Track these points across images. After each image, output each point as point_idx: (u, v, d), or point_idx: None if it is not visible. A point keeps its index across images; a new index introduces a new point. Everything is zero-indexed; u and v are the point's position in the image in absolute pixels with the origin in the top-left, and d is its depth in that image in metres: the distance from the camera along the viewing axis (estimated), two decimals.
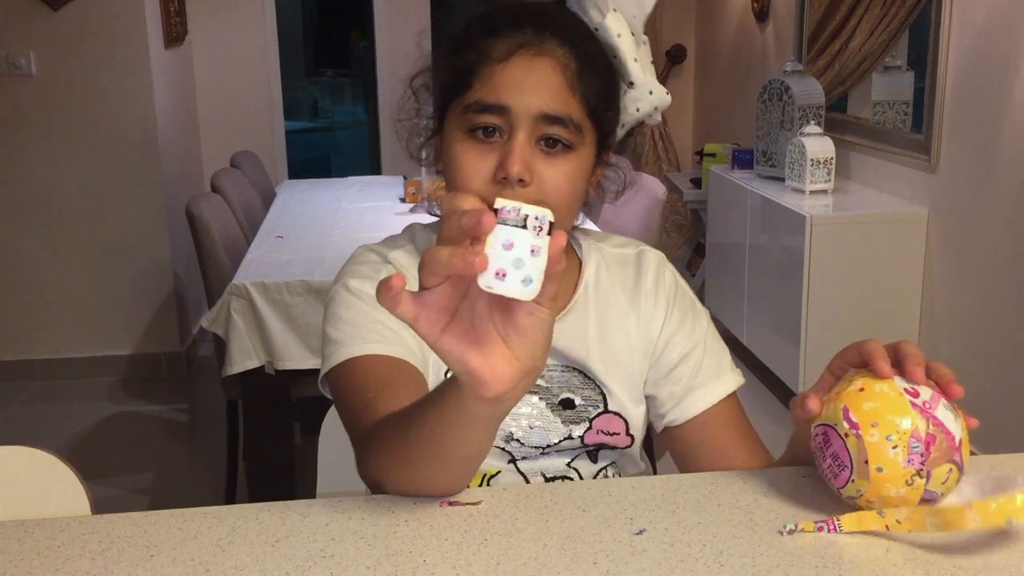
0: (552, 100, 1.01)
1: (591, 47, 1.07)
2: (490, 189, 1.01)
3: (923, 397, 0.84)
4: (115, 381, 4.21)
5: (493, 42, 1.03)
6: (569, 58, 1.03)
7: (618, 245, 1.22)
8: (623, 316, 1.17)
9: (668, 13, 5.56)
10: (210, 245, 2.94)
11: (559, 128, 1.02)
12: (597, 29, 1.09)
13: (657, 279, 1.18)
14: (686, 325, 1.17)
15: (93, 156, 4.08)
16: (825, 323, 3.46)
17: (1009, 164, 2.94)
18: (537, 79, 1.02)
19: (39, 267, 4.15)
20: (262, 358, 2.66)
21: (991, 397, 3.09)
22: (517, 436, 1.11)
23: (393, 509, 0.91)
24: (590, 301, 1.16)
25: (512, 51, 1.02)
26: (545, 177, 1.02)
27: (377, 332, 1.05)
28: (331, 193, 4.04)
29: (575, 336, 1.14)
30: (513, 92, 1.01)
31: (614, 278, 1.18)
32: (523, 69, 1.02)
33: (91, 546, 0.85)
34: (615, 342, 1.16)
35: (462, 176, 1.03)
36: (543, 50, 1.03)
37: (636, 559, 0.81)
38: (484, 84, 1.02)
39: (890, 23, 3.65)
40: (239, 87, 5.08)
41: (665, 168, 5.53)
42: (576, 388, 1.13)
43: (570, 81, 1.03)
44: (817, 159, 3.64)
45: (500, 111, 1.01)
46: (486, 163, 1.02)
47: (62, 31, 3.95)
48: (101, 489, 3.12)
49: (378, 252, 1.15)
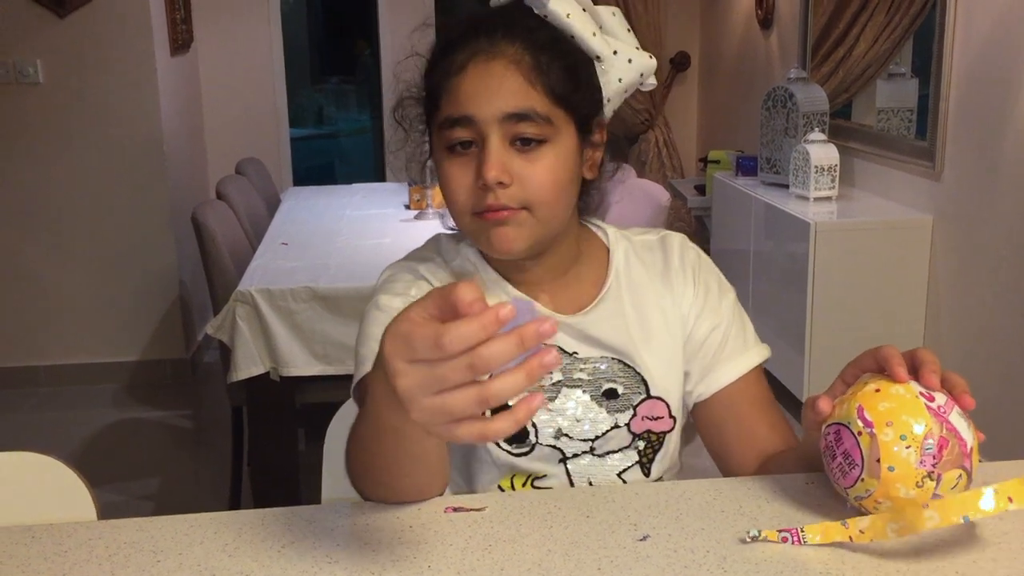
0: (512, 98, 1.03)
1: (542, 35, 1.07)
2: (477, 199, 1.05)
3: (938, 402, 0.85)
4: (121, 387, 4.22)
5: (451, 57, 1.06)
6: (521, 53, 1.05)
7: (640, 233, 1.24)
8: (659, 297, 1.18)
9: (672, 21, 5.57)
10: (215, 252, 2.95)
11: (526, 124, 1.03)
12: (546, 16, 1.09)
13: (683, 257, 1.20)
14: (712, 299, 1.19)
15: (99, 163, 4.09)
16: (830, 330, 3.46)
17: (1013, 171, 2.94)
18: (495, 82, 1.04)
19: (45, 273, 4.16)
20: (267, 364, 2.67)
21: (996, 404, 3.08)
22: (566, 431, 1.12)
23: (398, 515, 0.91)
24: (622, 286, 1.18)
25: (466, 62, 1.05)
26: (525, 175, 1.04)
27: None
28: (336, 200, 4.05)
29: (615, 323, 1.15)
30: (473, 101, 1.03)
31: (644, 263, 1.20)
32: (478, 76, 1.04)
33: (98, 551, 0.85)
34: (654, 323, 1.17)
35: (449, 190, 1.07)
36: (494, 53, 1.05)
37: (640, 565, 0.82)
38: (448, 100, 1.05)
39: (894, 30, 3.66)
40: (245, 94, 5.10)
41: (669, 175, 5.53)
42: (618, 377, 1.14)
43: (527, 75, 1.04)
44: (821, 166, 3.65)
45: (467, 122, 1.04)
46: (467, 175, 1.05)
47: (69, 39, 3.97)
48: (107, 495, 3.13)
49: (410, 269, 1.17)
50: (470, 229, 1.09)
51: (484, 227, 1.06)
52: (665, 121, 5.59)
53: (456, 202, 1.07)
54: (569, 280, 1.16)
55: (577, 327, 1.14)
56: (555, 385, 1.13)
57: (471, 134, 1.04)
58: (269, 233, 3.44)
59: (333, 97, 9.72)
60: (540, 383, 1.09)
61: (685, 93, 5.73)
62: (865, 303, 3.47)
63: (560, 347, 1.14)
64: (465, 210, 1.07)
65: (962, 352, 3.27)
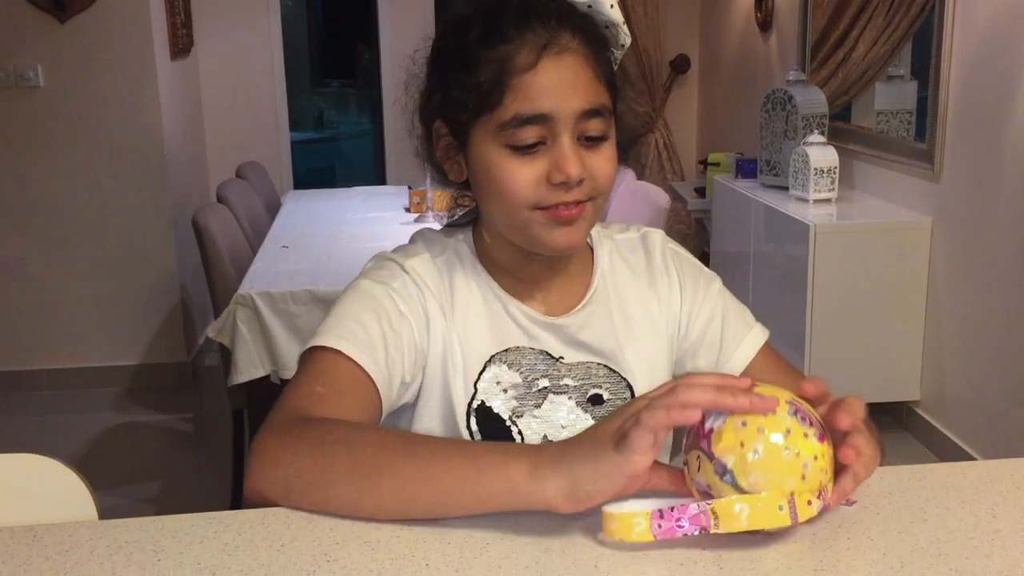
0: (587, 95, 1.01)
1: (591, 28, 1.05)
2: (544, 194, 1.02)
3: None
4: (122, 391, 4.23)
5: (510, 50, 1.00)
6: (585, 47, 1.02)
7: (622, 231, 1.23)
8: (645, 300, 1.18)
9: (672, 24, 5.59)
10: (216, 256, 2.96)
11: (597, 120, 1.02)
12: (591, 6, 1.06)
13: (664, 256, 1.20)
14: (700, 292, 1.19)
15: (100, 167, 4.11)
16: (830, 332, 3.46)
17: (1012, 172, 2.95)
18: (570, 79, 1.00)
19: (46, 278, 4.17)
20: (268, 367, 2.67)
21: (995, 405, 3.09)
22: (552, 438, 1.11)
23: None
24: (608, 289, 1.17)
25: (537, 56, 0.99)
26: (594, 168, 1.03)
27: (354, 333, 1.04)
28: (336, 203, 4.06)
29: (601, 326, 1.15)
30: (551, 98, 0.99)
31: (627, 261, 1.20)
32: (554, 71, 1.00)
33: (99, 551, 0.86)
34: (638, 325, 1.17)
35: (512, 188, 1.02)
36: (563, 47, 1.00)
37: (637, 563, 0.82)
38: (517, 97, 0.99)
39: (893, 32, 3.67)
40: (245, 98, 5.11)
41: (669, 177, 5.54)
42: (603, 383, 1.14)
43: (595, 70, 1.02)
44: (821, 168, 3.65)
45: (542, 120, 1.00)
46: (534, 171, 1.01)
47: (69, 43, 3.98)
48: (108, 498, 3.11)
49: (395, 260, 1.13)
50: (525, 222, 1.04)
51: (548, 222, 1.03)
52: (665, 123, 5.60)
53: (515, 196, 1.02)
54: (560, 280, 1.15)
55: (566, 329, 1.13)
56: (541, 392, 1.12)
57: (543, 132, 1.00)
58: (270, 236, 3.45)
59: (333, 100, 9.73)
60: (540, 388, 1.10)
61: (685, 95, 5.74)
62: (865, 305, 3.47)
63: (547, 352, 1.13)
64: (525, 204, 1.03)
65: (961, 352, 3.28)
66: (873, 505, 0.92)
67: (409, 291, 1.10)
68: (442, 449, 0.91)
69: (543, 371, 1.12)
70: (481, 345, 1.11)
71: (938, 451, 3.39)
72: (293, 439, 0.94)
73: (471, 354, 1.10)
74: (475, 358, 1.11)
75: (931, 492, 0.95)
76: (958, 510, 0.91)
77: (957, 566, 0.81)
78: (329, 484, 0.90)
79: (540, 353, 1.12)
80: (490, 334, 1.11)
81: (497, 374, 1.11)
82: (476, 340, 1.11)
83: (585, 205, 1.04)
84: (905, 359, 3.50)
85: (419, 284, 1.10)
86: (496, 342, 1.11)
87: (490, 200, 1.07)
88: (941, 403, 3.42)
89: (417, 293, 1.10)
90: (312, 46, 9.31)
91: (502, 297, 1.13)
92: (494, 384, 1.11)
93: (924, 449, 3.45)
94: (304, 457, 0.92)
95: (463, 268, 1.13)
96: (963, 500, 0.93)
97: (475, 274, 1.13)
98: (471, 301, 1.12)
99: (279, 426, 0.97)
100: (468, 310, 1.11)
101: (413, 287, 1.10)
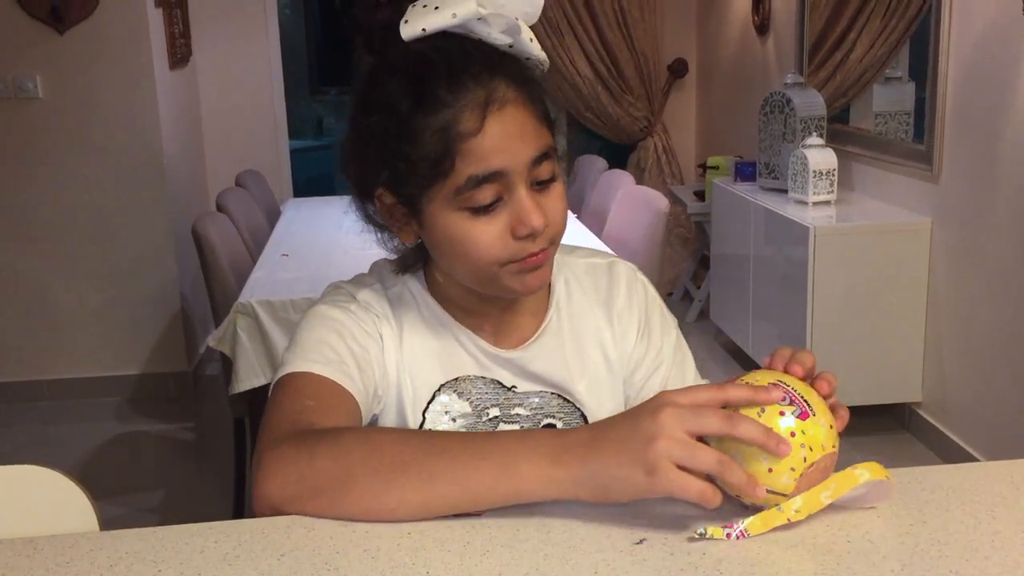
0: (535, 141, 1.00)
1: (520, 70, 1.02)
2: (513, 249, 1.01)
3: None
4: (123, 401, 4.23)
5: (450, 116, 0.97)
6: (520, 93, 1.00)
7: (586, 256, 1.22)
8: (598, 331, 1.17)
9: (669, 28, 5.59)
10: (216, 264, 2.96)
11: (547, 163, 1.01)
12: (512, 45, 1.02)
13: (630, 294, 1.19)
14: (655, 341, 1.18)
15: (99, 177, 4.11)
16: (830, 334, 3.46)
17: (1011, 172, 2.95)
18: (517, 132, 0.99)
19: (46, 288, 4.18)
20: (269, 376, 2.67)
21: (998, 405, 3.09)
22: None
23: (396, 522, 0.92)
24: (563, 319, 1.16)
25: (481, 117, 0.97)
26: (551, 211, 1.02)
27: (322, 354, 1.05)
28: (336, 211, 4.05)
29: (554, 358, 1.14)
30: (502, 155, 0.98)
31: (585, 290, 1.18)
32: (500, 128, 0.98)
33: (99, 562, 0.86)
34: (591, 356, 1.16)
35: (478, 250, 1.01)
36: (503, 100, 0.98)
37: (636, 568, 0.82)
38: (468, 161, 0.97)
39: (890, 34, 3.67)
40: (243, 107, 5.11)
41: (668, 181, 5.54)
42: (556, 413, 1.13)
43: (534, 114, 1.01)
44: (820, 170, 3.66)
45: (497, 177, 0.98)
46: (496, 227, 1.00)
47: (68, 54, 3.99)
48: (109, 508, 3.13)
49: (347, 291, 1.14)
50: (494, 276, 1.03)
51: (518, 272, 1.03)
52: (664, 128, 5.60)
53: (482, 257, 1.01)
54: (511, 314, 1.13)
55: (517, 362, 1.13)
56: (492, 420, 1.12)
57: (499, 189, 0.99)
58: (269, 245, 3.45)
59: (332, 108, 9.73)
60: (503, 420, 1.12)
61: (683, 99, 5.74)
62: (865, 306, 3.47)
63: (499, 381, 1.12)
64: (495, 261, 1.01)
65: (963, 353, 3.28)
66: (873, 507, 0.92)
67: (365, 315, 1.11)
68: (471, 443, 0.91)
69: (493, 400, 1.12)
70: (431, 375, 1.11)
71: (941, 453, 3.38)
72: (307, 444, 0.93)
73: (420, 383, 1.11)
74: (423, 387, 1.11)
75: (931, 494, 0.95)
76: (958, 511, 0.91)
77: (957, 568, 0.81)
78: (350, 480, 0.90)
79: (492, 383, 1.12)
80: (440, 364, 1.12)
81: (446, 404, 1.11)
82: (425, 370, 1.11)
83: (549, 249, 1.04)
84: (906, 360, 3.50)
85: (371, 312, 1.11)
86: (445, 372, 1.11)
87: (452, 260, 1.05)
88: (943, 404, 3.41)
89: (372, 319, 1.11)
90: (310, 54, 9.32)
91: (453, 328, 1.12)
92: (442, 414, 1.11)
93: (927, 451, 3.45)
94: (321, 457, 0.92)
95: (415, 300, 1.13)
96: (963, 501, 0.93)
97: (426, 306, 1.13)
98: (421, 331, 1.12)
99: (282, 438, 0.96)
100: (415, 340, 1.12)
101: (366, 314, 1.11)
